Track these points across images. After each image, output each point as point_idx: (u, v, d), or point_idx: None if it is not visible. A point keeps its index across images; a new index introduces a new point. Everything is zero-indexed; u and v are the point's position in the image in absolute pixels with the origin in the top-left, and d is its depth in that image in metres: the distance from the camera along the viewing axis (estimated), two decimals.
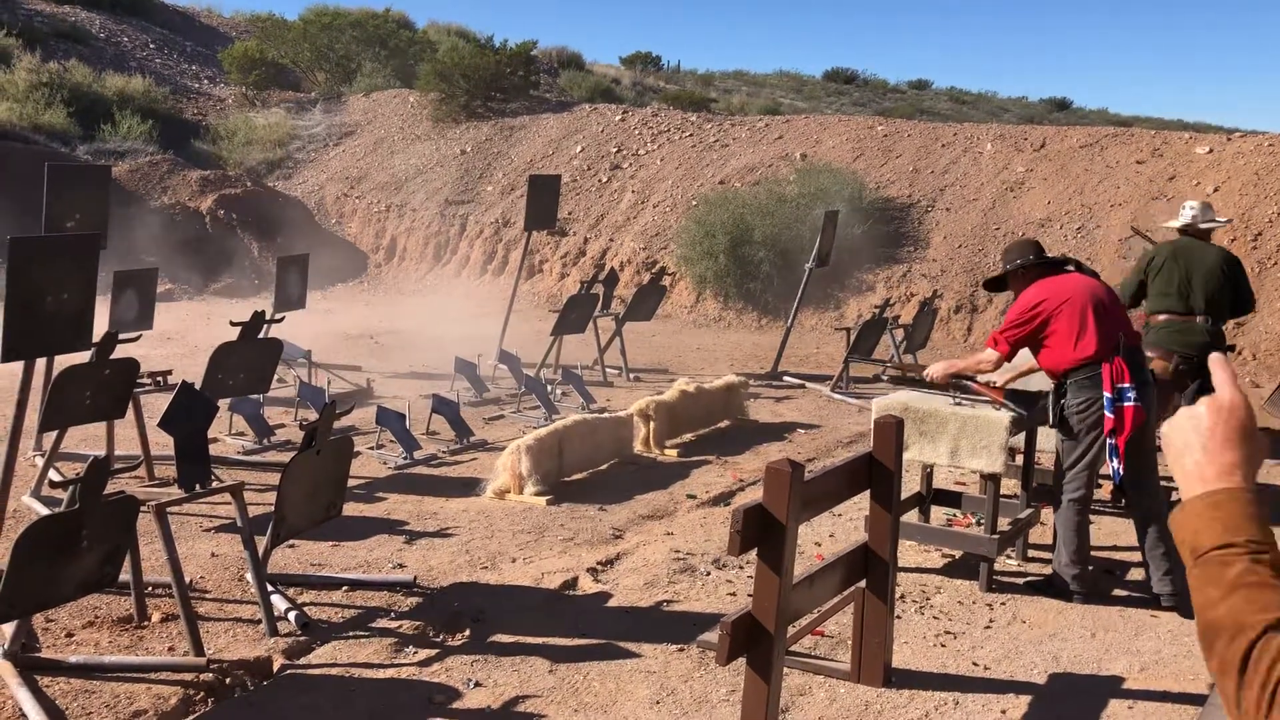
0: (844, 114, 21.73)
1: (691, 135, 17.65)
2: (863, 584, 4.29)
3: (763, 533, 3.46)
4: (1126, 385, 4.94)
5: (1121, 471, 4.99)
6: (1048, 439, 5.94)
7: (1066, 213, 13.79)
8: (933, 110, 33.71)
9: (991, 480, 5.30)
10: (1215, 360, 1.36)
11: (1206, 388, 5.57)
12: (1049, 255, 5.38)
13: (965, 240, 13.91)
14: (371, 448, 7.59)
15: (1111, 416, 4.95)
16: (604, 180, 17.28)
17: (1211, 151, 13.87)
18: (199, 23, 27.94)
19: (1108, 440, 5.00)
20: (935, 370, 5.43)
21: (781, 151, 16.64)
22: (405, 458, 7.45)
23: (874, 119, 18.26)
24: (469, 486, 6.93)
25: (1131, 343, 5.12)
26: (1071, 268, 5.35)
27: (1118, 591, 5.47)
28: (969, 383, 5.43)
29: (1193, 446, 1.26)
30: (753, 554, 5.73)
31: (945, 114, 32.03)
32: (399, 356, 11.58)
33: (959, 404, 5.37)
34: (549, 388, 9.25)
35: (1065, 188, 14.08)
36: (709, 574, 5.51)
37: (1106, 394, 4.97)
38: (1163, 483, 5.37)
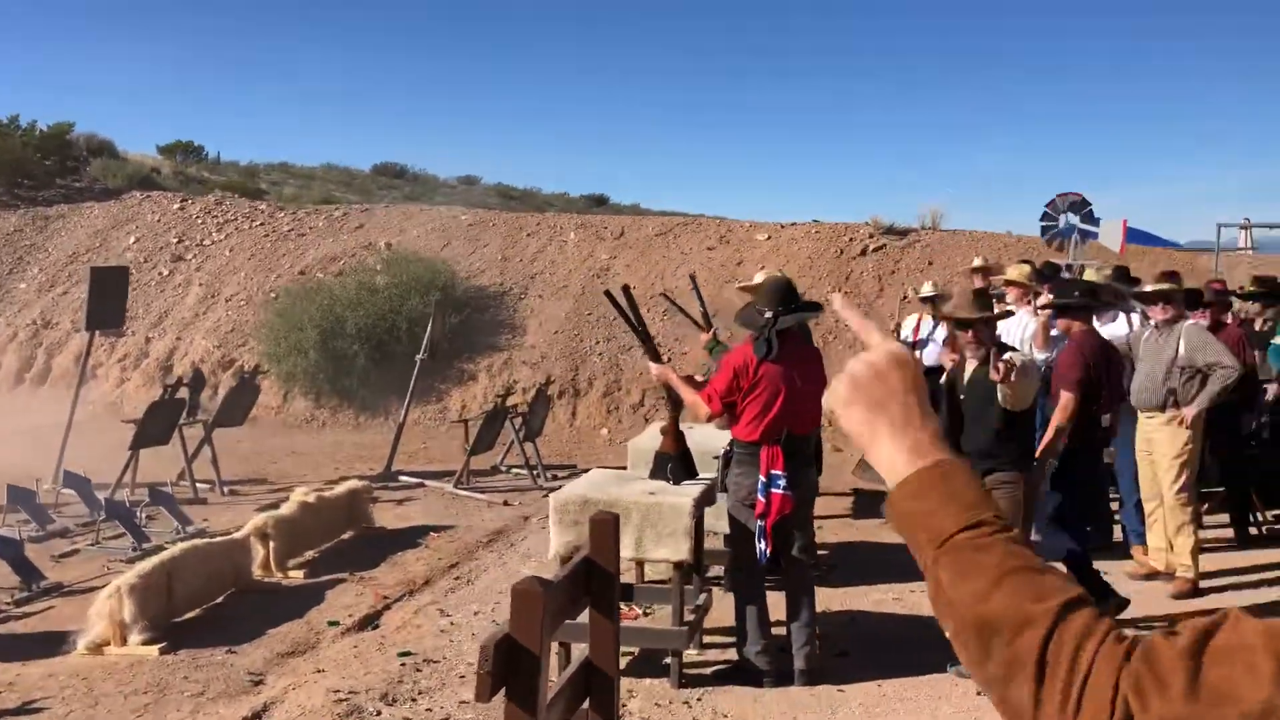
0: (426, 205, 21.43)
1: (263, 224, 16.52)
2: (585, 705, 3.84)
3: (510, 668, 2.92)
4: (778, 472, 4.99)
5: (768, 553, 5.02)
6: (718, 519, 5.87)
7: (651, 297, 14.34)
8: (483, 204, 34.42)
9: (678, 568, 5.08)
10: (841, 303, 1.17)
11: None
12: (793, 305, 5.10)
13: (561, 326, 14.03)
14: None
15: (763, 500, 4.99)
16: (165, 273, 15.65)
17: (770, 238, 15.13)
18: None
19: (757, 521, 5.02)
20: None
21: (364, 241, 16.00)
22: None
23: (458, 209, 18.17)
24: (52, 644, 5.62)
25: (803, 431, 5.15)
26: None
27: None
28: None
29: (888, 409, 1.05)
30: (433, 682, 5.13)
31: (497, 208, 32.87)
32: None
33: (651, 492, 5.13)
34: (135, 511, 7.92)
35: (647, 273, 14.68)
36: (380, 714, 4.79)
37: (761, 477, 5.00)
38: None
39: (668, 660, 5.19)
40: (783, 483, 4.96)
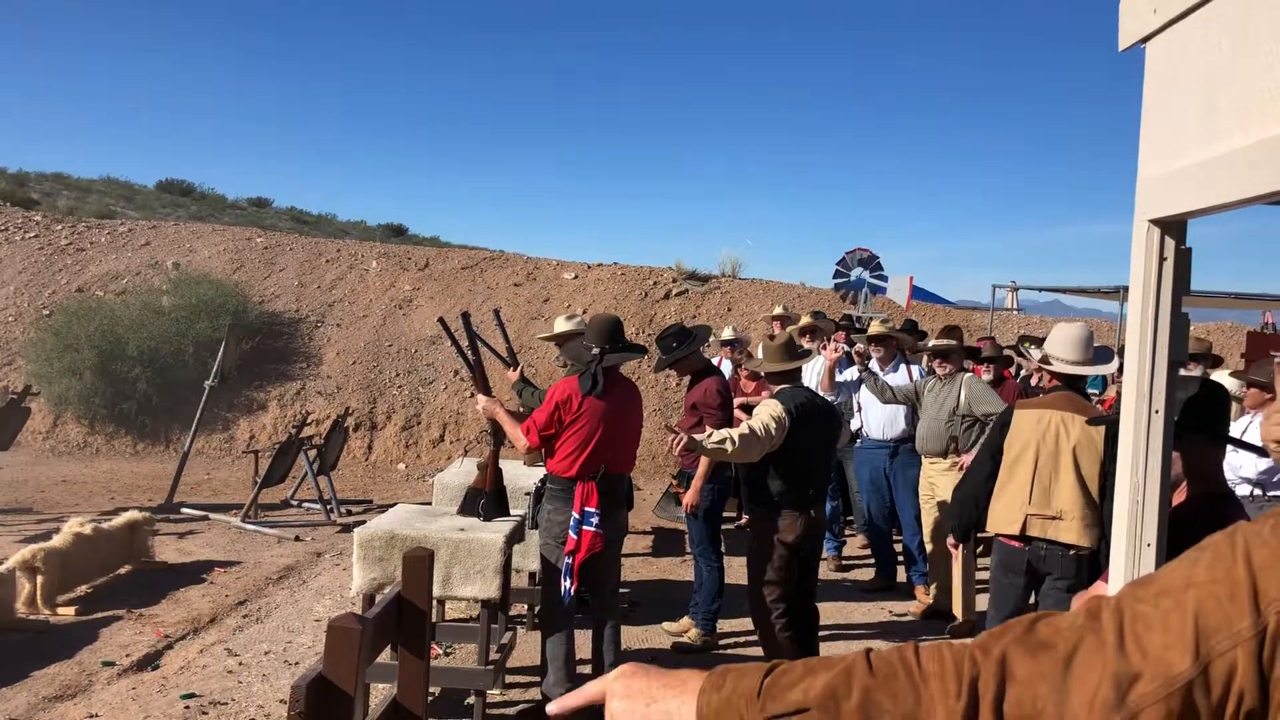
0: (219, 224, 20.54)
1: (38, 236, 15.44)
2: None
3: (323, 710, 2.82)
4: (592, 510, 5.00)
5: (572, 592, 5.02)
6: (524, 556, 5.85)
7: (456, 330, 14.20)
8: (275, 228, 33.36)
9: (486, 606, 5.02)
10: (557, 706, 1.25)
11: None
12: (620, 345, 5.11)
13: (359, 356, 13.68)
14: None
15: (574, 537, 4.99)
16: None
17: (577, 278, 15.26)
18: None
19: (566, 559, 5.03)
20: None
21: (150, 259, 15.18)
22: None
23: (252, 230, 17.49)
24: None
25: (619, 470, 5.19)
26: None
27: None
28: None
29: (651, 689, 1.15)
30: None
31: (289, 232, 31.93)
32: None
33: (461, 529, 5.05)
34: None
35: (452, 306, 14.52)
36: None
37: (575, 514, 5.00)
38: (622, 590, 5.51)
39: (470, 700, 5.12)
40: (595, 520, 4.98)
